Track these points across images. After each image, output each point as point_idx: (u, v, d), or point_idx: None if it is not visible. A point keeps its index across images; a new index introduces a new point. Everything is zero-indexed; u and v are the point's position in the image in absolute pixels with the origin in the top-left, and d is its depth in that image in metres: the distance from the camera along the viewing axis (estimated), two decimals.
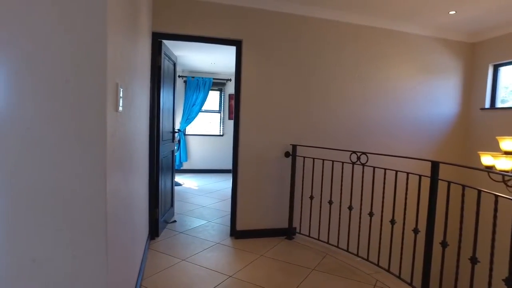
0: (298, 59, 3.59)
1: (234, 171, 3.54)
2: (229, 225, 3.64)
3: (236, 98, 3.52)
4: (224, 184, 6.40)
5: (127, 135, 1.74)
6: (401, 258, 2.62)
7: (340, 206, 3.18)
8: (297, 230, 3.60)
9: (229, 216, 3.79)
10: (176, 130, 4.20)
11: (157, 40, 3.27)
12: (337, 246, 3.20)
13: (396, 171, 2.67)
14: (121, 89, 1.45)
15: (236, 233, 3.51)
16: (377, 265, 2.83)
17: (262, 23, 3.44)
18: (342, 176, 3.17)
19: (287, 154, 3.57)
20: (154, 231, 3.39)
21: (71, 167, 1.14)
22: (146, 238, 3.04)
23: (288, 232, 3.58)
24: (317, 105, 3.70)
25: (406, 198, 2.60)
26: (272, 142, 3.56)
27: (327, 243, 3.29)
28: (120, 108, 1.45)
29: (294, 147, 3.51)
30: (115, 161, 1.38)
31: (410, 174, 2.58)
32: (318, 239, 3.38)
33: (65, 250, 1.15)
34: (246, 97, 3.45)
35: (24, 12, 1.07)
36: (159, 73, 3.34)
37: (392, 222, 2.66)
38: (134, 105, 2.00)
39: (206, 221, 4.06)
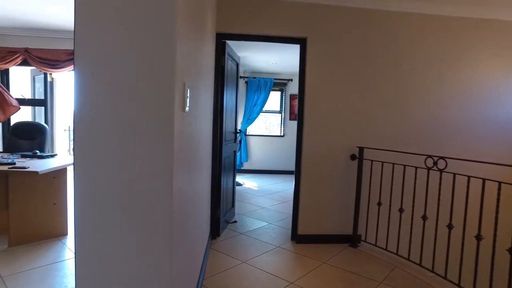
0: (367, 56, 3.35)
1: (297, 173, 3.43)
2: (290, 228, 3.54)
3: (300, 98, 3.41)
4: (284, 185, 6.32)
5: (192, 135, 1.75)
6: (491, 281, 2.27)
7: (412, 215, 2.89)
8: (362, 238, 3.37)
9: (289, 219, 3.69)
10: (238, 131, 4.22)
11: (221, 41, 3.31)
12: (408, 259, 2.92)
13: (484, 179, 2.33)
14: (188, 89, 1.45)
15: (297, 238, 3.40)
16: (458, 285, 2.49)
17: (328, 19, 3.28)
18: (415, 183, 2.88)
19: (353, 157, 3.36)
20: (215, 231, 3.44)
21: (140, 166, 1.14)
22: (207, 237, 3.08)
23: (352, 240, 3.37)
24: (388, 105, 3.41)
25: (497, 212, 2.24)
26: (337, 144, 3.37)
27: (396, 254, 3.02)
28: (187, 108, 1.44)
29: (361, 149, 3.29)
30: (182, 161, 1.38)
31: (502, 184, 2.22)
32: (386, 249, 3.12)
33: (132, 248, 1.16)
34: (311, 96, 3.32)
35: (97, 15, 1.10)
36: (222, 73, 3.37)
37: (478, 237, 2.32)
38: (199, 105, 2.02)
39: (267, 223, 4.01)
